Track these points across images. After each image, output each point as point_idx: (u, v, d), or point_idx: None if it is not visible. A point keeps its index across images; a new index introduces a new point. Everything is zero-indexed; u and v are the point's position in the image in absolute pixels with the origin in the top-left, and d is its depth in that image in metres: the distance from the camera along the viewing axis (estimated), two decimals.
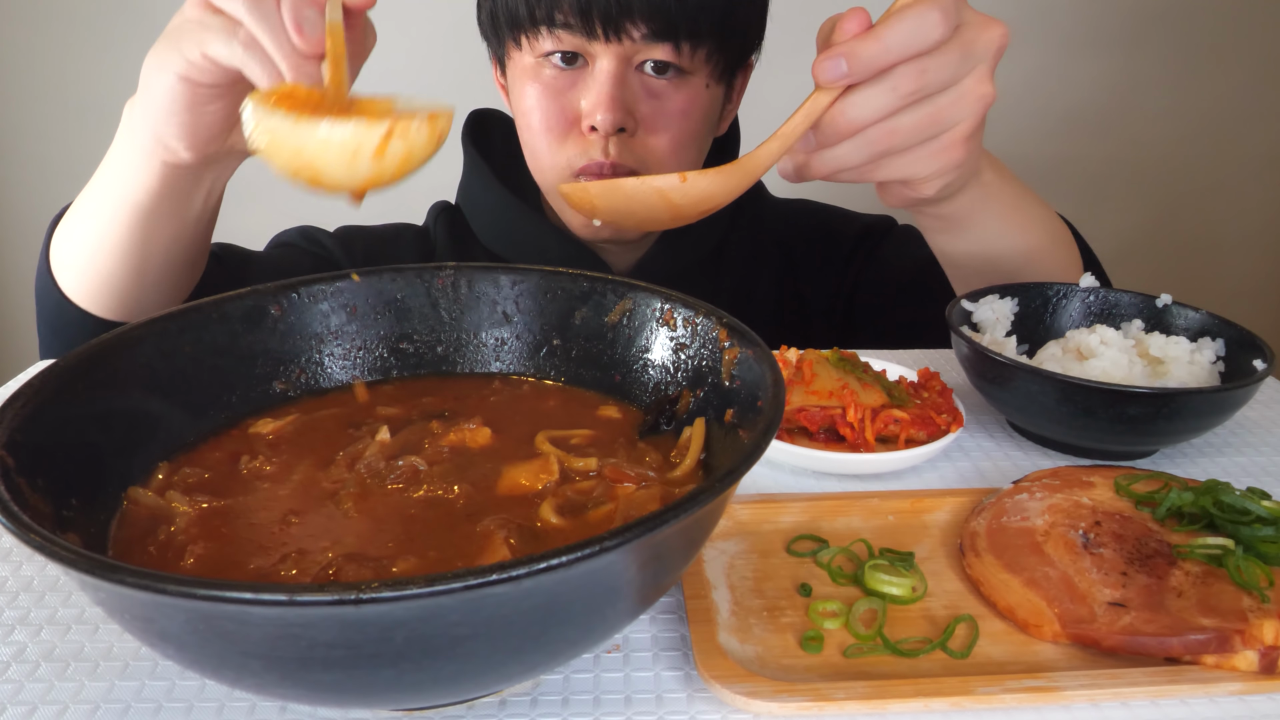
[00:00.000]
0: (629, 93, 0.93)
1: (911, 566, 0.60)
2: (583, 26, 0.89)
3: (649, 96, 0.94)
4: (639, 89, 0.93)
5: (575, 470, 0.56)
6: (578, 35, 0.90)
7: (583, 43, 0.91)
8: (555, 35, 0.91)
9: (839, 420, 0.73)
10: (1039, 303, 0.88)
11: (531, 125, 0.97)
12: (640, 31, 0.89)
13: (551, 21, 0.90)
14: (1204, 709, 0.50)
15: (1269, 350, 0.76)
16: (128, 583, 0.35)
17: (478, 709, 0.50)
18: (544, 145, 0.97)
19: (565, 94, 0.94)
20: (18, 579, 0.60)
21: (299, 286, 0.64)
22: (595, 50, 0.91)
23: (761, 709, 0.49)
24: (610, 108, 0.91)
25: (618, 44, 0.90)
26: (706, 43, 0.93)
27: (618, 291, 0.64)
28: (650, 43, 0.90)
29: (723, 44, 0.95)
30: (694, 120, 0.97)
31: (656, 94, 0.94)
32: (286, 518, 0.52)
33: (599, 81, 0.91)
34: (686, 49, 0.92)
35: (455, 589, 0.34)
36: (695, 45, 0.92)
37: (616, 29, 0.88)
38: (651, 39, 0.90)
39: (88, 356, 0.53)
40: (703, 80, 0.96)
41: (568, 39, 0.91)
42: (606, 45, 0.90)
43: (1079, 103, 2.04)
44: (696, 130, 0.98)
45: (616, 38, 0.89)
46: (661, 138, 0.95)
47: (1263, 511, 0.61)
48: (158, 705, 0.50)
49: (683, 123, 0.96)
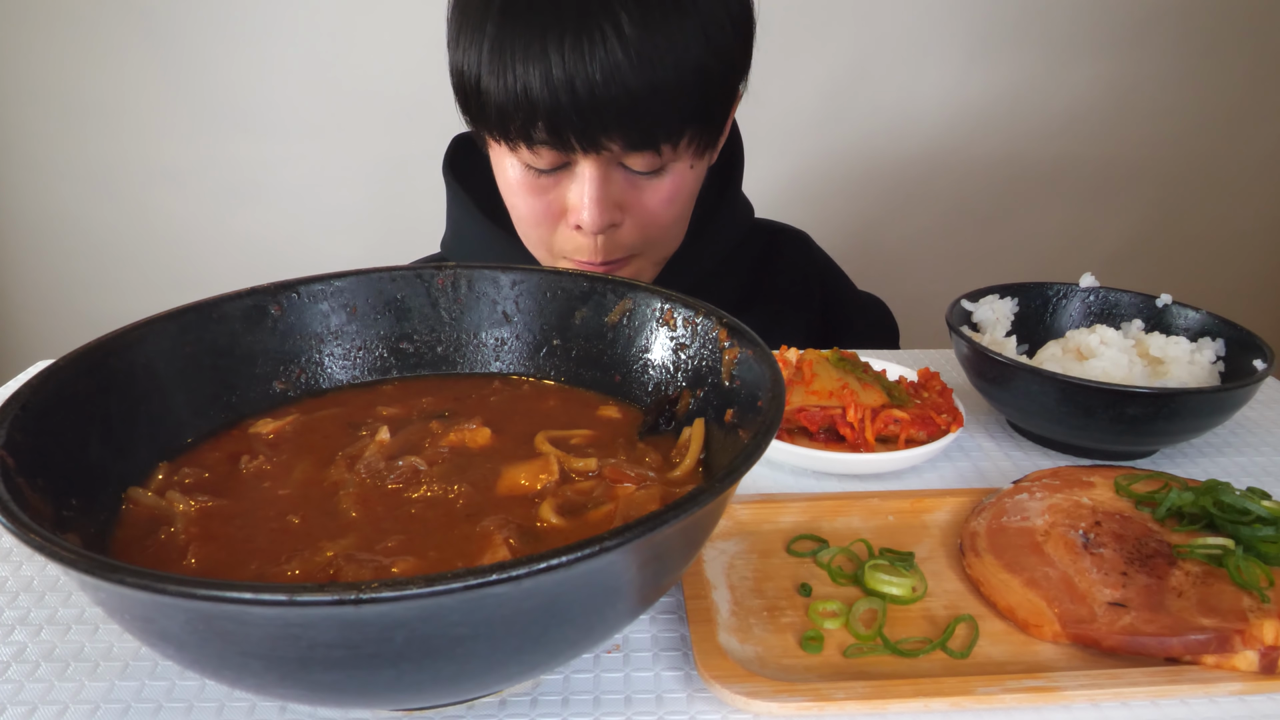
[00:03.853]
0: (614, 189, 0.91)
1: (911, 566, 0.60)
2: (559, 145, 0.86)
3: (635, 190, 0.92)
4: (623, 185, 0.91)
5: (575, 470, 0.56)
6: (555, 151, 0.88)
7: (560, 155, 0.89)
8: (535, 151, 0.88)
9: (839, 420, 0.73)
10: (1039, 303, 0.88)
11: (517, 209, 0.95)
12: (618, 144, 0.86)
13: (529, 140, 0.87)
14: (1204, 709, 0.50)
15: (1269, 350, 0.76)
16: (128, 583, 0.35)
17: (478, 709, 0.50)
18: (532, 233, 0.96)
19: (549, 191, 0.92)
20: (18, 579, 0.60)
21: (299, 286, 0.64)
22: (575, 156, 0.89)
23: (761, 709, 0.49)
24: (596, 210, 0.89)
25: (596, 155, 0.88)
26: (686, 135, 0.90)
27: (618, 291, 0.64)
28: (629, 153, 0.88)
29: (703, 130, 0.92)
30: (681, 203, 0.95)
31: (642, 187, 0.92)
32: (286, 518, 0.52)
33: (581, 183, 0.89)
34: (667, 150, 0.89)
35: (455, 589, 0.34)
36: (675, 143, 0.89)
37: (594, 145, 0.86)
38: (630, 150, 0.87)
39: (88, 356, 0.53)
40: (686, 163, 0.93)
41: (547, 154, 0.88)
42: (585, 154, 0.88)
43: (1079, 103, 2.04)
44: (686, 203, 0.97)
45: (595, 152, 0.87)
46: (650, 226, 0.94)
47: (1263, 511, 0.61)
48: (158, 705, 0.50)
49: (670, 209, 0.94)
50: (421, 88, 1.90)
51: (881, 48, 1.98)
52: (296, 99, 1.91)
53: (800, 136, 2.00)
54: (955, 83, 2.01)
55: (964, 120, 2.04)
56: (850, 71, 1.99)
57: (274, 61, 1.89)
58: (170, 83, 1.90)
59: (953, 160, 2.07)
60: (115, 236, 2.02)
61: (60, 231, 2.01)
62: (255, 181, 1.98)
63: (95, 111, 1.92)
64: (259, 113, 1.92)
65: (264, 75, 1.90)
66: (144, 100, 1.91)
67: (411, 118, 1.91)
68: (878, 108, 2.02)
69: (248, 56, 1.89)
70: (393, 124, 1.93)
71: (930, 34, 1.97)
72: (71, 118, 1.92)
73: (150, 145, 1.95)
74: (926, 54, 1.98)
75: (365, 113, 1.93)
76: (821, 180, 2.04)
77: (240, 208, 2.00)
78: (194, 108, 1.92)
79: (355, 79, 1.90)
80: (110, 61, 1.88)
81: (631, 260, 0.97)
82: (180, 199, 1.99)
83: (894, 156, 2.07)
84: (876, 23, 1.96)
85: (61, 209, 2.00)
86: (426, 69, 1.92)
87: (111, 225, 2.01)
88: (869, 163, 2.07)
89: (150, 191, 1.99)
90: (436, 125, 1.91)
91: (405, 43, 1.85)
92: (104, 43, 1.87)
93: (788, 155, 1.97)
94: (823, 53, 1.96)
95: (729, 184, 1.11)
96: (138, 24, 1.86)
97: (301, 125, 1.93)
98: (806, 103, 1.97)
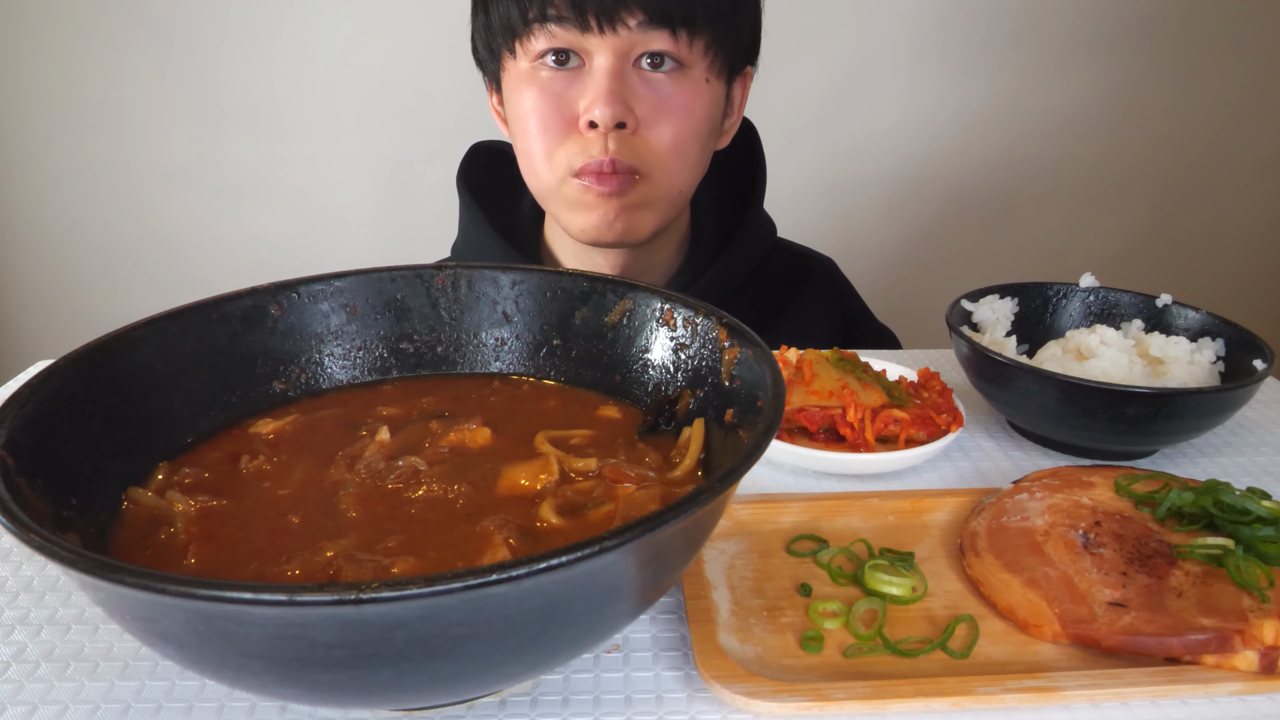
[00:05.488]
0: (627, 88, 0.91)
1: (911, 566, 0.60)
2: (576, 19, 0.87)
3: (648, 91, 0.92)
4: (637, 84, 0.92)
5: (575, 470, 0.56)
6: (572, 30, 0.89)
7: (577, 38, 0.90)
8: (549, 32, 0.90)
9: (839, 420, 0.73)
10: (1039, 303, 0.88)
11: (529, 130, 0.95)
12: (636, 19, 0.87)
13: (544, 17, 0.88)
14: (1204, 709, 0.50)
15: (1269, 350, 0.76)
16: (128, 583, 0.35)
17: (478, 709, 0.50)
18: (541, 148, 0.95)
19: (562, 94, 0.93)
20: (18, 579, 0.60)
21: (299, 286, 0.64)
22: (591, 46, 0.90)
23: (761, 709, 0.49)
24: (609, 101, 0.89)
25: (614, 35, 0.88)
26: (704, 32, 0.91)
27: (618, 291, 0.64)
28: (646, 30, 0.89)
29: (720, 35, 0.93)
30: (695, 117, 0.95)
31: (655, 88, 0.92)
32: (286, 518, 0.52)
33: (596, 78, 0.90)
34: (684, 37, 0.90)
35: (455, 589, 0.34)
36: (693, 34, 0.90)
37: (611, 18, 0.87)
38: (648, 26, 0.88)
39: (88, 356, 0.53)
40: (702, 74, 0.94)
41: (562, 35, 0.90)
42: (602, 38, 0.89)
43: (1079, 103, 2.04)
44: (698, 128, 0.96)
45: (612, 28, 0.88)
46: (662, 133, 0.93)
47: (1263, 511, 0.60)
48: (158, 705, 0.50)
49: (684, 118, 0.94)
50: (422, 88, 1.90)
51: (881, 49, 1.98)
52: (296, 99, 1.91)
53: (800, 137, 2.00)
54: (955, 83, 2.01)
55: (964, 120, 2.04)
56: (850, 72, 1.99)
57: (274, 61, 1.89)
58: (170, 83, 1.90)
59: (953, 161, 2.07)
60: (115, 236, 2.02)
61: (60, 231, 2.01)
62: (255, 181, 1.98)
63: (95, 111, 1.92)
64: (259, 113, 1.92)
65: (264, 75, 1.90)
66: (144, 100, 1.91)
67: (412, 118, 1.91)
68: (878, 108, 2.02)
69: (248, 56, 1.89)
70: (393, 124, 1.93)
71: (930, 35, 1.97)
72: (71, 118, 1.92)
73: (150, 145, 1.95)
74: (926, 55, 1.99)
75: (365, 113, 1.93)
76: (822, 180, 2.04)
77: (240, 208, 2.00)
78: (194, 108, 1.92)
79: (355, 79, 1.90)
80: (110, 61, 1.88)
81: (637, 185, 0.94)
82: (180, 199, 1.99)
83: (894, 157, 2.07)
84: (876, 24, 1.96)
85: (61, 209, 2.00)
86: (427, 69, 1.92)
87: (111, 225, 2.01)
88: (869, 163, 2.07)
89: (150, 191, 1.99)
90: (437, 125, 1.92)
91: (405, 43, 1.85)
92: (104, 43, 1.87)
93: (788, 156, 1.97)
94: (823, 53, 1.96)
95: (750, 200, 1.10)
96: (138, 24, 1.86)
97: (301, 125, 1.93)
98: (807, 103, 1.97)
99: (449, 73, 1.61)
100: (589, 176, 0.93)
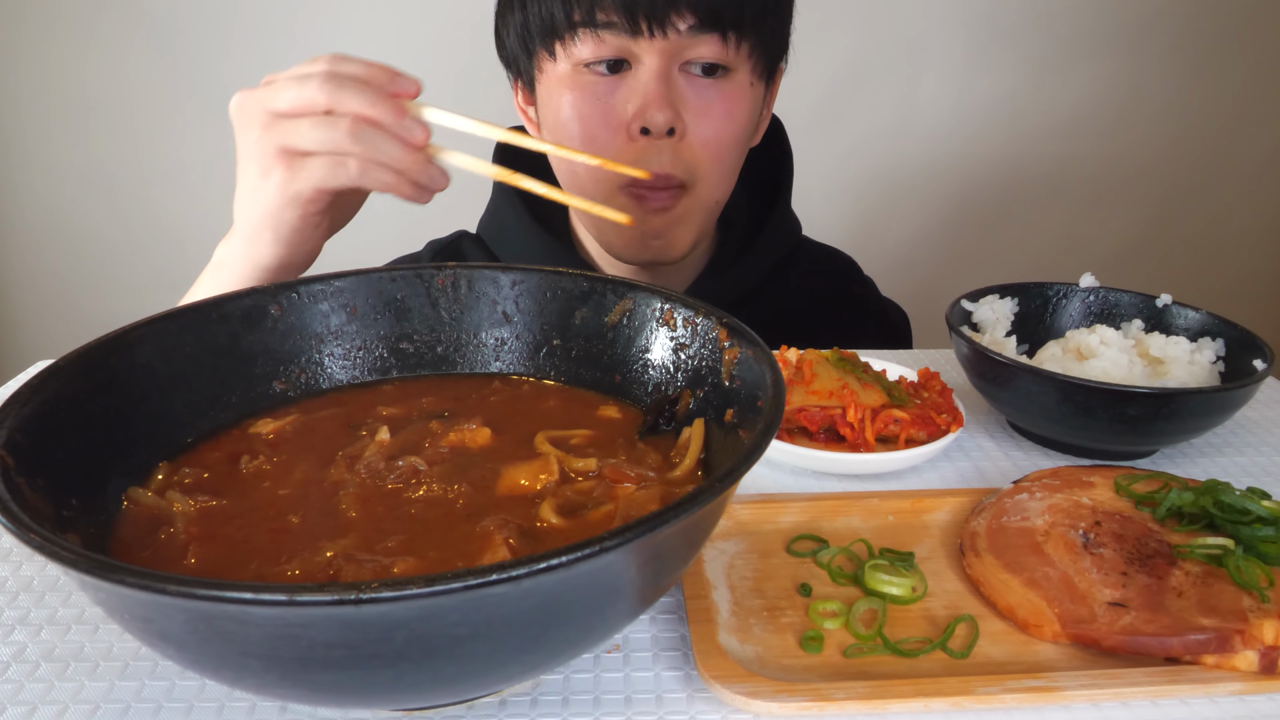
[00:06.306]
0: (675, 93, 0.89)
1: (911, 566, 0.60)
2: (626, 24, 0.84)
3: (694, 96, 0.90)
4: (685, 89, 0.89)
5: (575, 470, 0.56)
6: (620, 35, 0.86)
7: (626, 43, 0.86)
8: (597, 37, 0.86)
9: (839, 420, 0.73)
10: (1039, 303, 0.88)
11: (572, 137, 0.91)
12: (686, 24, 0.85)
13: (593, 22, 0.85)
14: (1204, 709, 0.50)
15: (1269, 350, 0.76)
16: (128, 583, 0.35)
17: (478, 709, 0.50)
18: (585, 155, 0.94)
19: (608, 98, 0.89)
20: (18, 579, 0.60)
21: (299, 286, 0.64)
22: (639, 50, 0.87)
23: (761, 709, 0.49)
24: (662, 105, 0.87)
25: (663, 39, 0.86)
26: (750, 35, 0.89)
27: (618, 291, 0.64)
28: (696, 35, 0.86)
29: (765, 36, 0.91)
30: (738, 122, 0.93)
31: (701, 93, 0.90)
32: (286, 518, 0.52)
33: (646, 81, 0.87)
34: (733, 41, 0.88)
35: (455, 589, 0.34)
36: (740, 37, 0.88)
37: (661, 22, 0.84)
38: (698, 30, 0.85)
39: (88, 356, 0.53)
40: (746, 78, 0.92)
41: (610, 40, 0.86)
42: (651, 42, 0.86)
43: (1079, 103, 2.04)
44: (739, 134, 0.94)
45: (662, 32, 0.85)
46: (709, 140, 0.91)
47: (1263, 511, 0.60)
48: (158, 705, 0.50)
49: (728, 124, 0.92)
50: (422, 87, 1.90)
51: (882, 48, 1.98)
52: None
53: (801, 136, 1.99)
54: (956, 83, 2.01)
55: (965, 121, 2.04)
56: (851, 72, 1.99)
57: (275, 61, 1.88)
58: (170, 83, 1.90)
59: (953, 160, 2.08)
60: (115, 236, 2.02)
61: (60, 231, 2.01)
62: None
63: (95, 111, 1.92)
64: None
65: (264, 75, 1.89)
66: (144, 100, 1.91)
67: None
68: (878, 108, 2.02)
69: (248, 56, 1.89)
70: None
71: (931, 35, 1.97)
72: (71, 118, 1.92)
73: (150, 145, 1.95)
74: (927, 55, 1.99)
75: None
76: (822, 180, 2.04)
77: None
78: (194, 108, 1.92)
79: None
80: (110, 61, 1.88)
81: (681, 199, 0.93)
82: (180, 199, 1.99)
83: (895, 157, 2.07)
84: (877, 24, 1.96)
85: (61, 209, 2.00)
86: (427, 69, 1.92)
87: (111, 225, 2.01)
88: (870, 163, 2.07)
89: (150, 191, 1.99)
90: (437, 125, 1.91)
91: (405, 43, 1.85)
92: (104, 43, 1.87)
93: None
94: (824, 53, 1.96)
95: (777, 197, 1.10)
96: (138, 24, 1.86)
97: None
98: (807, 103, 1.98)
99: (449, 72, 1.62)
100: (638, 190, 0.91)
